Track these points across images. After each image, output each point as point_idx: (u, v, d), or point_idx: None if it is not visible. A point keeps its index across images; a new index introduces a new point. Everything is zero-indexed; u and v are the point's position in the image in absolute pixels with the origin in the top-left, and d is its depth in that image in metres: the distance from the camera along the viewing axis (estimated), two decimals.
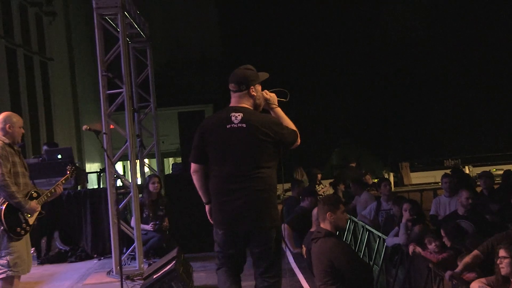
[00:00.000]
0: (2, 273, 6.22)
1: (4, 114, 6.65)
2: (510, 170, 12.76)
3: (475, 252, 6.52)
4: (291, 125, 5.33)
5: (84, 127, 7.97)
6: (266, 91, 5.39)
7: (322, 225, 6.42)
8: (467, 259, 6.54)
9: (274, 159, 5.20)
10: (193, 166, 5.31)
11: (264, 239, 5.15)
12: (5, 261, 6.22)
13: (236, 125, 5.11)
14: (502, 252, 5.41)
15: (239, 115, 5.14)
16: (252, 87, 5.24)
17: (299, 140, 5.30)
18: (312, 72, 25.07)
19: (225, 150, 5.16)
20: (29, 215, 6.41)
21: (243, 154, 5.11)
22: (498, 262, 5.45)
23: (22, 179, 6.46)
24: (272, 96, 5.40)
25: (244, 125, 5.09)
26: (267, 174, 5.13)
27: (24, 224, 6.35)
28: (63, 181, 6.98)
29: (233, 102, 5.29)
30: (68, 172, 7.12)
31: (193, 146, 5.32)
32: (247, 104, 5.24)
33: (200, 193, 5.39)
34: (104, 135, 8.37)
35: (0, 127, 6.47)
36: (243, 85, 5.23)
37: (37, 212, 6.53)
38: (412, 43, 25.35)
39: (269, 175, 5.16)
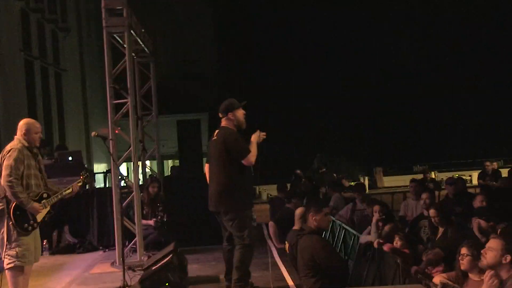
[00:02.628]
0: (10, 263, 6.19)
1: (22, 121, 6.65)
2: (461, 177, 12.94)
3: (437, 249, 6.58)
4: (254, 153, 6.56)
5: (93, 133, 7.97)
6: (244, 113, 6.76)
7: (307, 224, 6.49)
8: (430, 255, 6.59)
9: (232, 163, 6.53)
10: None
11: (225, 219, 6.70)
12: (14, 252, 6.19)
13: (213, 138, 6.73)
14: (464, 250, 5.43)
15: (218, 131, 6.72)
16: (230, 113, 6.66)
17: (248, 160, 6.49)
18: (300, 86, 25.22)
19: (209, 155, 6.87)
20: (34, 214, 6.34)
21: (213, 158, 6.71)
22: (459, 258, 5.46)
23: (35, 180, 6.39)
24: (255, 135, 6.70)
25: (215, 138, 6.67)
26: (226, 173, 6.56)
27: (32, 221, 6.30)
28: (78, 184, 6.86)
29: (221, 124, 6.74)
30: (81, 177, 7.01)
31: None
32: (227, 124, 6.68)
33: None
34: (111, 141, 8.37)
35: (20, 133, 6.49)
36: (224, 113, 6.68)
37: (47, 211, 6.48)
38: (388, 57, 25.53)
39: (229, 173, 6.57)
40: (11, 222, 6.17)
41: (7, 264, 6.19)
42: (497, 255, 4.77)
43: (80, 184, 6.90)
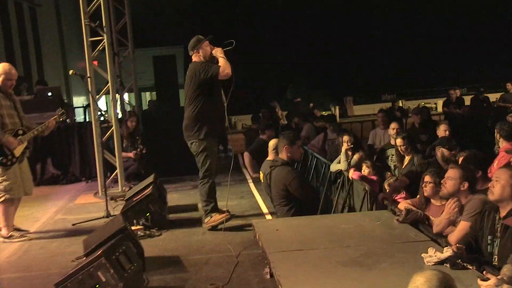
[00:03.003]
0: (0, 196, 6.36)
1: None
2: (426, 106, 13.09)
3: (402, 177, 6.77)
4: (223, 64, 6.37)
5: (71, 71, 7.90)
6: (213, 48, 6.59)
7: (280, 156, 6.58)
8: (396, 183, 6.78)
9: (198, 97, 6.47)
10: None
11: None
12: (2, 187, 6.37)
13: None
14: (427, 178, 5.59)
15: (189, 67, 6.62)
16: (196, 49, 6.57)
17: (226, 72, 6.31)
18: (273, 17, 24.92)
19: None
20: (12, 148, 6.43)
21: (185, 93, 6.67)
22: (423, 186, 5.62)
23: (9, 119, 6.49)
24: (217, 50, 6.53)
25: (187, 73, 6.60)
26: (193, 105, 6.52)
27: (10, 156, 6.41)
28: (54, 120, 6.96)
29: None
30: (57, 113, 7.08)
31: None
32: (196, 59, 6.59)
33: None
34: (88, 79, 8.28)
35: None
36: (192, 51, 6.63)
37: (24, 146, 6.58)
38: None
39: (196, 106, 6.51)
40: None
41: None
42: (456, 184, 4.95)
43: (55, 119, 6.98)
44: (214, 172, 6.68)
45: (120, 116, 11.38)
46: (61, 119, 7.22)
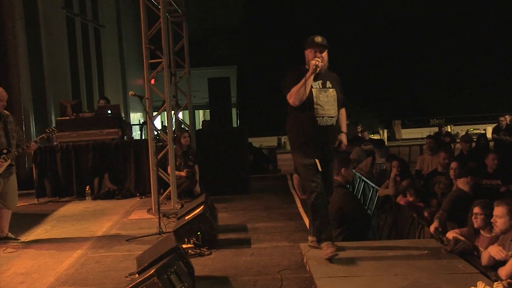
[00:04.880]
0: None
1: None
2: (483, 134, 12.73)
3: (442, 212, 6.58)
4: (295, 90, 5.35)
5: (130, 93, 8.05)
6: (315, 59, 5.41)
7: (335, 178, 6.53)
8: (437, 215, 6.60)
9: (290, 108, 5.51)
10: None
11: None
12: None
13: None
14: (477, 210, 5.47)
15: None
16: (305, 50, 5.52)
17: (291, 100, 5.36)
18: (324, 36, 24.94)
19: None
20: None
21: None
22: (473, 217, 5.48)
23: None
24: (312, 64, 5.37)
25: None
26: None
27: None
28: (38, 140, 7.41)
29: None
30: (46, 131, 7.51)
31: None
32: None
33: None
34: (146, 100, 8.41)
35: None
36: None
37: (7, 164, 6.92)
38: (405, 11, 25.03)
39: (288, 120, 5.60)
40: None
41: None
42: (505, 221, 4.85)
43: (39, 139, 7.41)
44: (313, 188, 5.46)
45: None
46: (48, 135, 7.57)
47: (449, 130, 18.60)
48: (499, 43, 25.44)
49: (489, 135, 16.87)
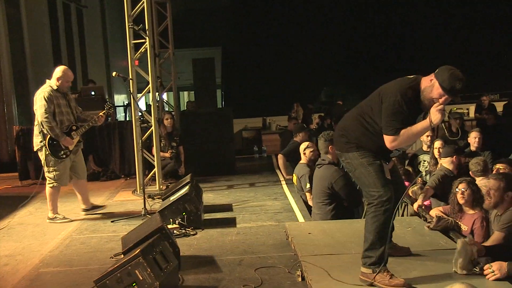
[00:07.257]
0: (50, 183, 7.23)
1: (60, 68, 7.28)
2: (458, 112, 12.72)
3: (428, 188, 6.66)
4: (409, 134, 3.98)
5: (114, 73, 7.98)
6: (443, 99, 3.89)
7: (327, 155, 6.55)
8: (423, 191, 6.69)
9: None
10: None
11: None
12: (52, 175, 7.21)
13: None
14: (463, 186, 5.52)
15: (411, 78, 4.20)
16: (435, 76, 3.93)
17: (392, 145, 4.05)
18: (309, 19, 24.84)
19: None
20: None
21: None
22: (460, 193, 5.51)
23: (65, 116, 7.19)
24: (439, 106, 3.87)
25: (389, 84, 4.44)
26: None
27: (65, 150, 7.19)
28: (102, 114, 7.51)
29: None
30: (105, 108, 7.74)
31: None
32: (422, 84, 4.02)
33: None
34: (130, 80, 8.35)
35: (55, 77, 7.17)
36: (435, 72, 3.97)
37: (77, 140, 7.29)
38: None
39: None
40: (47, 152, 7.11)
41: (48, 184, 7.24)
42: (500, 194, 4.90)
43: (104, 114, 7.57)
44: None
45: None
46: (109, 113, 7.90)
47: None
48: (479, 23, 25.51)
49: (471, 114, 16.98)
